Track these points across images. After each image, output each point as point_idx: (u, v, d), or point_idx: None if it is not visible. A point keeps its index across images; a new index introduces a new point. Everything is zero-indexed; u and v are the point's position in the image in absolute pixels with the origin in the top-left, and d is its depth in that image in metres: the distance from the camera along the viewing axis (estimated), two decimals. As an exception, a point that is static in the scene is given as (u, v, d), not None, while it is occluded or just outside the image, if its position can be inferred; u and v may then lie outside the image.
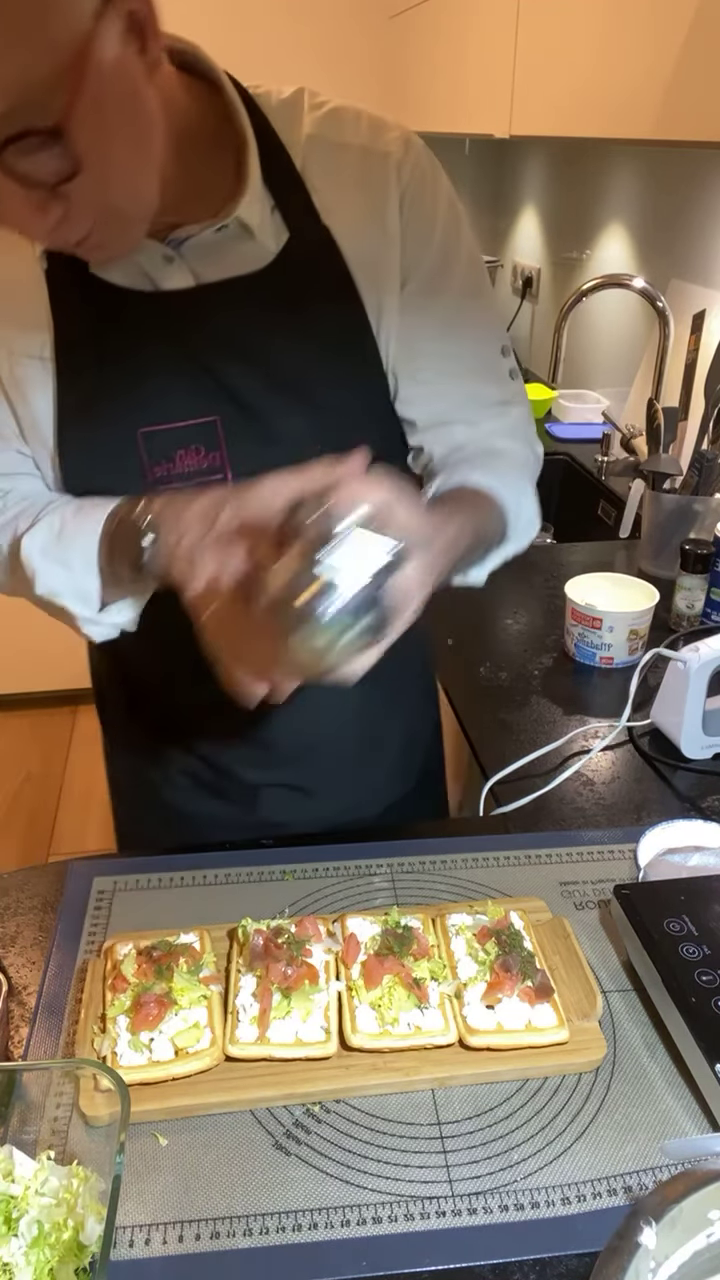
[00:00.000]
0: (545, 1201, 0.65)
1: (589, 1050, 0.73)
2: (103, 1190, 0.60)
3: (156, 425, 0.86)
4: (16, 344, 0.84)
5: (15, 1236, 0.59)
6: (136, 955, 0.77)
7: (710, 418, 1.51)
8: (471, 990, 0.75)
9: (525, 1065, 0.72)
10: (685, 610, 1.38)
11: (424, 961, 0.77)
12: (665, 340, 1.89)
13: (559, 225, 2.67)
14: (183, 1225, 0.63)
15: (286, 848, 0.95)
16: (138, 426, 0.86)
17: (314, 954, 0.77)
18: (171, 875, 0.91)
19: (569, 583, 1.31)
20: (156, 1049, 0.71)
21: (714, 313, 1.70)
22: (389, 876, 0.91)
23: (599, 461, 2.06)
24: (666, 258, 2.02)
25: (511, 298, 2.93)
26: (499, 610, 1.47)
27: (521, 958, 0.76)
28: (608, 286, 1.93)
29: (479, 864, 0.93)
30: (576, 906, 0.88)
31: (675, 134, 1.32)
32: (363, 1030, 0.72)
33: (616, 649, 1.28)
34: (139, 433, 0.86)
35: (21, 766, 2.93)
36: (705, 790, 1.07)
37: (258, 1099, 0.70)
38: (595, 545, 1.75)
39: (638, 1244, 0.51)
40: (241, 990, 0.75)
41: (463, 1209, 0.64)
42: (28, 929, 0.85)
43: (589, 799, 1.05)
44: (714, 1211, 0.53)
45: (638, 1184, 0.66)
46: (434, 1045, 0.72)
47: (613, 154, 2.25)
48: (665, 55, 1.33)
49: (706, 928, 0.77)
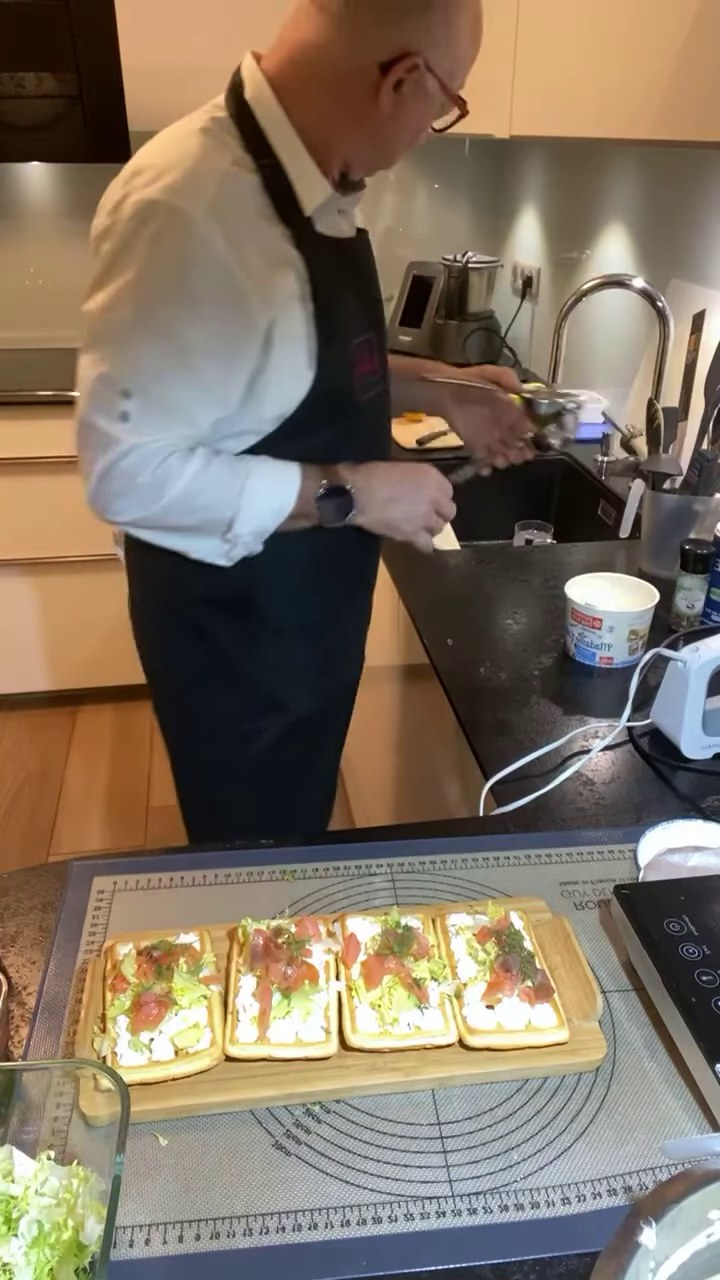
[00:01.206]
0: (545, 1201, 0.65)
1: (589, 1050, 0.73)
2: (103, 1190, 0.60)
3: (355, 338, 1.21)
4: (283, 293, 1.09)
5: (15, 1236, 0.59)
6: (136, 955, 0.76)
7: (710, 418, 1.50)
8: (471, 990, 0.75)
9: (525, 1065, 0.72)
10: (685, 610, 1.38)
11: (424, 961, 0.77)
12: (665, 340, 1.89)
13: (559, 225, 2.67)
14: (183, 1225, 0.63)
15: (286, 848, 0.95)
16: (351, 339, 1.19)
17: (314, 954, 0.77)
18: (171, 875, 0.91)
19: (569, 583, 1.31)
20: (156, 1049, 0.71)
21: (714, 313, 1.70)
22: (389, 876, 0.91)
23: (599, 461, 2.06)
24: (666, 258, 2.02)
25: (511, 298, 2.93)
26: (499, 610, 1.47)
27: (521, 958, 0.76)
28: (608, 286, 1.92)
29: (479, 864, 0.93)
30: (576, 906, 0.88)
31: (675, 134, 1.32)
32: (363, 1030, 0.72)
33: (616, 649, 1.28)
34: (352, 344, 1.20)
35: (21, 766, 2.93)
36: (705, 790, 1.07)
37: (258, 1099, 0.70)
38: (595, 545, 1.75)
39: (638, 1244, 0.51)
40: (241, 990, 0.75)
41: (463, 1209, 0.64)
42: (28, 929, 0.85)
43: (589, 799, 1.05)
44: (714, 1211, 0.53)
45: (638, 1184, 0.66)
46: (434, 1045, 0.72)
47: (613, 154, 2.25)
48: (665, 55, 1.33)
49: (706, 928, 0.77)
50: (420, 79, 1.05)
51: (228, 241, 1.03)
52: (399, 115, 1.08)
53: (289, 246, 1.09)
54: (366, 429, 1.27)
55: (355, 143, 1.11)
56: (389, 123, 1.09)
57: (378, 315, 1.29)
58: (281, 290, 1.08)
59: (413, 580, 1.58)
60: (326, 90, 1.07)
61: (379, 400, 1.29)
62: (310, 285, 1.10)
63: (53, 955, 0.82)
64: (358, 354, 1.21)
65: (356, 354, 1.21)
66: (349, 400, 1.21)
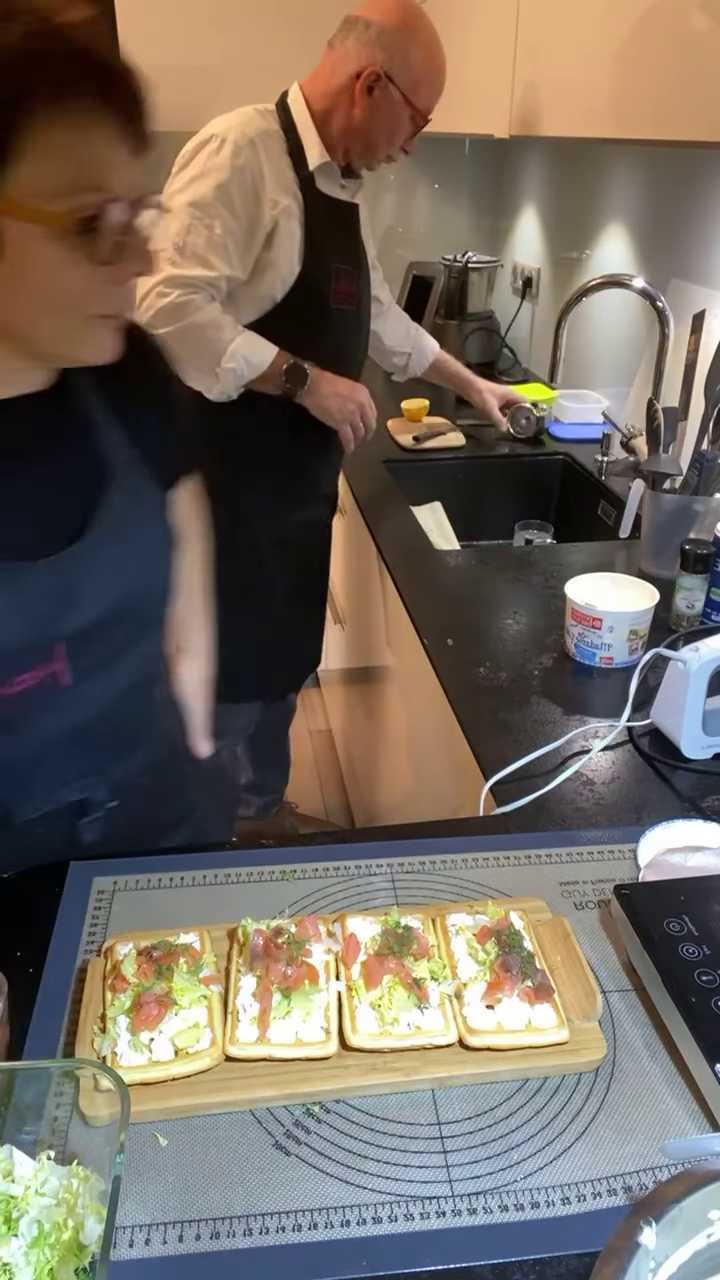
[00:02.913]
0: (545, 1201, 0.65)
1: (589, 1050, 0.73)
2: (103, 1190, 0.60)
3: (335, 263, 1.77)
4: (284, 209, 1.67)
5: (15, 1236, 0.59)
6: (136, 955, 0.77)
7: (710, 418, 1.50)
8: (471, 990, 0.75)
9: (525, 1065, 0.72)
10: (685, 610, 1.38)
11: (424, 961, 0.77)
12: (665, 340, 1.89)
13: (559, 225, 2.67)
14: (183, 1225, 0.63)
15: (286, 848, 0.95)
16: (331, 262, 1.76)
17: (314, 954, 0.77)
18: (171, 875, 0.91)
19: (569, 583, 1.31)
20: (156, 1049, 0.71)
21: (714, 313, 1.70)
22: (389, 876, 0.91)
23: (599, 461, 2.06)
24: (666, 258, 2.02)
25: (511, 298, 2.93)
26: (499, 610, 1.47)
27: (521, 958, 0.76)
28: (608, 286, 1.93)
29: (479, 864, 0.93)
30: (576, 906, 0.88)
31: (675, 134, 1.32)
32: (363, 1030, 0.72)
33: (616, 649, 1.28)
34: (331, 265, 1.76)
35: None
36: (705, 790, 1.07)
37: (258, 1099, 0.70)
38: (595, 545, 1.75)
39: (638, 1244, 0.51)
40: (241, 990, 0.75)
41: (463, 1209, 0.64)
42: (28, 928, 0.85)
43: (589, 799, 1.05)
44: (714, 1211, 0.53)
45: (638, 1184, 0.66)
46: (434, 1045, 0.72)
47: (613, 154, 2.25)
48: (665, 55, 1.33)
49: (706, 928, 0.77)
50: (385, 87, 1.66)
51: (258, 163, 1.63)
52: (371, 115, 1.69)
53: (295, 186, 1.69)
54: (337, 335, 1.83)
55: (348, 136, 1.71)
56: (365, 120, 1.69)
57: (358, 259, 1.86)
58: (284, 207, 1.66)
59: (413, 580, 1.58)
60: (330, 97, 1.70)
61: (352, 317, 1.86)
62: (304, 213, 1.70)
63: (52, 955, 0.82)
64: (336, 273, 1.77)
65: (335, 272, 1.77)
66: (325, 301, 1.76)
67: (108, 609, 0.91)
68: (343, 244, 1.81)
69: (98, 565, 0.90)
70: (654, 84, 1.36)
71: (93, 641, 0.91)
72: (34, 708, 0.91)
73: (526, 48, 1.88)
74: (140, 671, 1.01)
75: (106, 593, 0.90)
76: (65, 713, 0.94)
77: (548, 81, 1.81)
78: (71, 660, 0.90)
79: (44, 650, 0.88)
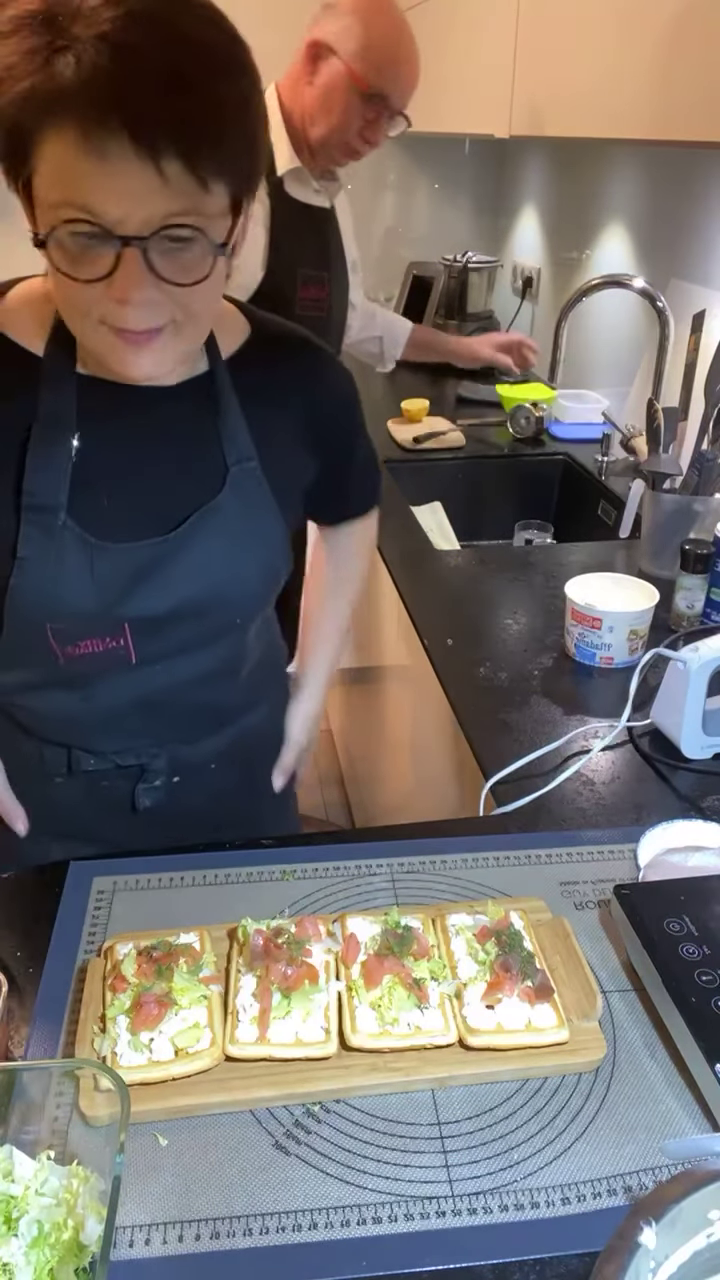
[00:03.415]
0: (545, 1201, 0.65)
1: (589, 1050, 0.73)
2: (103, 1190, 0.60)
3: (303, 267, 1.76)
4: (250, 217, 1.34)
5: (15, 1236, 0.59)
6: (136, 955, 0.77)
7: (710, 418, 1.50)
8: (471, 990, 0.75)
9: (525, 1065, 0.72)
10: (685, 610, 1.38)
11: (424, 961, 0.77)
12: (665, 340, 1.89)
13: (559, 225, 2.67)
14: (183, 1225, 0.63)
15: (286, 848, 0.95)
16: (298, 266, 1.76)
17: (314, 954, 0.77)
18: (171, 875, 0.91)
19: (569, 583, 1.31)
20: (156, 1049, 0.71)
21: (714, 313, 1.70)
22: (389, 876, 0.91)
23: (599, 461, 2.06)
24: (666, 258, 2.02)
25: (511, 298, 2.93)
26: (499, 610, 1.47)
27: (521, 958, 0.76)
28: (608, 286, 1.93)
29: (479, 864, 0.93)
30: (576, 906, 0.88)
31: (675, 134, 1.32)
32: (363, 1030, 0.72)
33: (616, 649, 1.28)
34: (299, 270, 1.76)
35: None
36: (705, 790, 1.07)
37: (258, 1099, 0.70)
38: (595, 545, 1.75)
39: (638, 1244, 0.51)
40: (241, 990, 0.75)
41: (463, 1209, 0.64)
42: (28, 928, 0.85)
43: (589, 799, 1.05)
44: (714, 1211, 0.53)
45: (638, 1184, 0.66)
46: (434, 1045, 0.72)
47: (613, 154, 2.25)
48: (665, 55, 1.33)
49: (706, 928, 0.77)
50: (327, 57, 1.63)
51: None
52: (321, 95, 1.65)
53: (262, 192, 1.48)
54: None
55: (309, 125, 1.69)
56: (316, 102, 1.66)
57: (328, 264, 1.82)
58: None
59: (413, 580, 1.58)
60: (293, 88, 1.69)
61: (321, 324, 1.79)
62: (269, 219, 1.68)
63: (53, 955, 0.82)
64: (303, 279, 1.76)
65: (302, 278, 1.76)
66: (289, 308, 1.71)
67: (180, 604, 0.93)
68: (313, 249, 1.79)
69: (178, 561, 0.92)
70: (654, 84, 1.36)
71: (160, 630, 0.94)
72: (100, 671, 0.96)
73: (527, 48, 1.88)
74: (213, 668, 1.03)
75: (182, 589, 0.93)
76: (130, 685, 0.98)
77: (547, 81, 1.81)
78: (135, 641, 0.94)
79: (112, 625, 0.92)
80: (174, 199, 0.71)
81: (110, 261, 0.73)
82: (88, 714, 1.00)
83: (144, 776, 1.05)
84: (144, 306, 0.76)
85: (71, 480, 0.87)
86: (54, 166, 0.71)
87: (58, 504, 0.87)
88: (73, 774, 1.04)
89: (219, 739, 1.10)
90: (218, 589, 0.95)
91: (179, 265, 0.75)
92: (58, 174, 0.71)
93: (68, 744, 1.03)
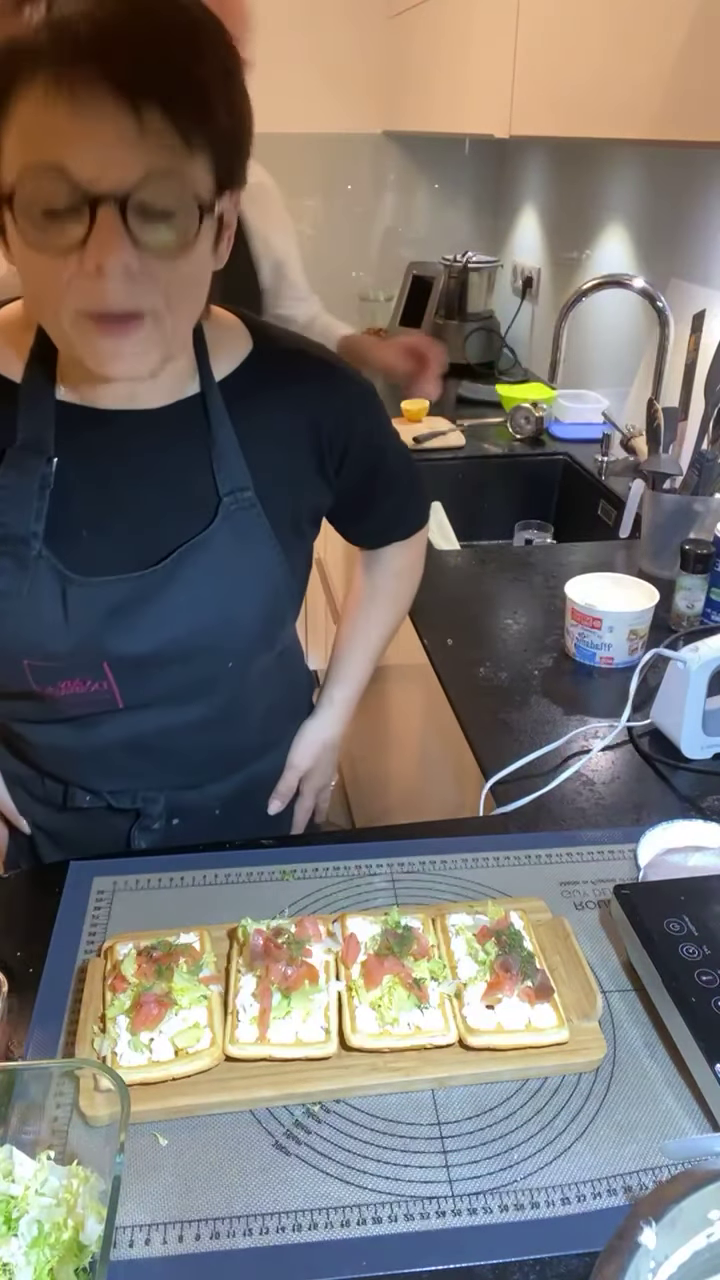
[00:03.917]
0: (545, 1201, 0.65)
1: (589, 1050, 0.73)
2: (103, 1190, 0.60)
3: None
4: None
5: (15, 1236, 0.59)
6: (136, 955, 0.76)
7: (710, 418, 1.50)
8: (471, 990, 0.75)
9: (525, 1065, 0.72)
10: (685, 610, 1.38)
11: (424, 961, 0.77)
12: (665, 340, 1.89)
13: (559, 225, 2.66)
14: (183, 1225, 0.63)
15: (286, 848, 0.95)
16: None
17: (314, 954, 0.77)
18: (171, 875, 0.91)
19: (569, 583, 1.31)
20: (156, 1049, 0.70)
21: (714, 313, 1.70)
22: (389, 876, 0.91)
23: (599, 461, 2.06)
24: (666, 258, 2.02)
25: (511, 298, 2.93)
26: (499, 610, 1.47)
27: (521, 958, 0.76)
28: (608, 286, 1.93)
29: (479, 864, 0.93)
30: (576, 906, 0.88)
31: (675, 134, 1.32)
32: (363, 1030, 0.72)
33: (616, 649, 1.28)
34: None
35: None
36: (705, 790, 1.07)
37: (258, 1099, 0.70)
38: (595, 545, 1.75)
39: (638, 1244, 0.51)
40: (241, 990, 0.75)
41: (463, 1209, 0.64)
42: (28, 928, 0.85)
43: (589, 799, 1.05)
44: (714, 1211, 0.53)
45: (638, 1184, 0.66)
46: (434, 1045, 0.72)
47: (613, 154, 2.25)
48: (665, 55, 1.33)
49: (706, 928, 0.77)
50: None
51: None
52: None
53: None
54: None
55: None
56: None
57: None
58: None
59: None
60: None
61: None
62: None
63: (52, 955, 0.82)
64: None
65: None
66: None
67: (164, 645, 0.87)
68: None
69: (161, 599, 0.85)
70: (654, 84, 1.36)
71: (144, 673, 0.88)
72: (86, 711, 0.90)
73: (526, 48, 1.87)
74: (211, 715, 0.96)
75: (165, 629, 0.86)
76: (121, 727, 0.92)
77: (547, 81, 1.81)
78: (120, 684, 0.88)
79: (90, 666, 0.86)
80: (154, 154, 0.65)
81: (83, 230, 0.66)
82: (82, 752, 0.96)
83: (139, 820, 1.01)
84: (122, 281, 0.68)
85: (49, 510, 0.82)
86: (23, 126, 0.65)
87: (31, 534, 0.81)
88: (67, 809, 1.00)
89: (225, 784, 1.04)
90: (207, 630, 0.88)
91: (159, 238, 0.68)
92: (26, 133, 0.65)
93: (63, 779, 0.99)
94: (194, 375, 0.86)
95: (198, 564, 0.85)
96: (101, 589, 0.84)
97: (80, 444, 0.83)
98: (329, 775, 1.20)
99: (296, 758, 1.14)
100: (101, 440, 0.84)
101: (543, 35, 1.81)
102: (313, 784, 1.17)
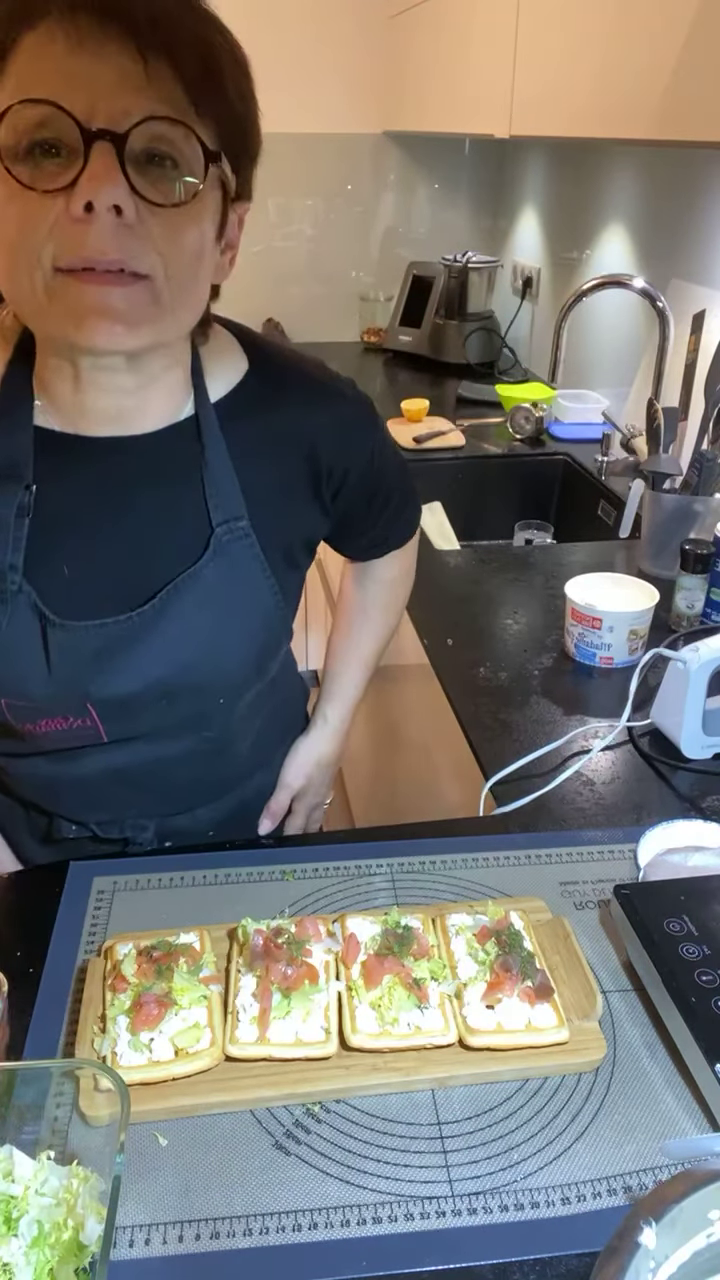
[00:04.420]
0: (545, 1201, 0.65)
1: (589, 1050, 0.73)
2: (103, 1190, 0.60)
3: None
4: None
5: (15, 1236, 0.59)
6: (136, 955, 0.76)
7: (710, 418, 1.50)
8: (471, 990, 0.75)
9: (525, 1065, 0.72)
10: (685, 610, 1.38)
11: (424, 961, 0.77)
12: (665, 340, 1.89)
13: (559, 225, 2.67)
14: (183, 1225, 0.63)
15: (286, 848, 0.95)
16: None
17: (314, 954, 0.77)
18: (171, 875, 0.91)
19: (569, 583, 1.31)
20: (156, 1049, 0.70)
21: (714, 313, 1.70)
22: (389, 876, 0.91)
23: (599, 461, 2.06)
24: (666, 258, 2.02)
25: (511, 298, 2.93)
26: (499, 610, 1.47)
27: (521, 958, 0.76)
28: (608, 286, 1.93)
29: (479, 864, 0.93)
30: (576, 906, 0.88)
31: (675, 134, 1.32)
32: (363, 1030, 0.72)
33: (616, 649, 1.28)
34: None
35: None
36: (705, 790, 1.07)
37: (258, 1099, 0.70)
38: (595, 545, 1.75)
39: (638, 1244, 0.51)
40: (241, 990, 0.75)
41: (463, 1209, 0.64)
42: (28, 928, 0.85)
43: (589, 799, 1.05)
44: (714, 1211, 0.53)
45: (638, 1184, 0.66)
46: (434, 1045, 0.72)
47: (613, 154, 2.25)
48: (665, 55, 1.33)
49: (706, 928, 0.77)
50: None
51: None
52: None
53: None
54: None
55: None
56: None
57: None
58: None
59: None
60: None
61: None
62: None
63: (52, 955, 0.82)
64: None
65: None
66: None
67: (151, 684, 0.83)
68: None
69: (149, 639, 0.81)
70: (654, 84, 1.36)
71: (131, 710, 0.85)
72: (67, 745, 0.87)
73: (526, 48, 1.87)
74: (199, 748, 0.93)
75: (153, 669, 0.82)
76: (106, 760, 0.89)
77: (547, 81, 1.81)
78: (104, 722, 0.84)
79: (73, 705, 0.83)
80: (157, 102, 0.61)
81: (75, 172, 0.61)
82: (64, 784, 0.92)
83: (128, 848, 0.97)
84: (111, 227, 0.62)
85: (27, 546, 0.76)
86: (21, 67, 0.61)
87: (9, 565, 0.76)
88: (52, 841, 0.97)
89: (216, 809, 1.01)
90: (196, 668, 0.83)
91: (157, 186, 0.63)
92: (23, 72, 0.61)
93: (47, 811, 0.96)
94: (189, 396, 0.81)
95: (188, 600, 0.81)
96: (86, 633, 0.79)
97: (62, 474, 0.78)
98: (323, 794, 1.17)
99: (289, 777, 1.11)
100: (86, 471, 0.79)
101: (543, 35, 1.81)
102: (305, 802, 1.14)
